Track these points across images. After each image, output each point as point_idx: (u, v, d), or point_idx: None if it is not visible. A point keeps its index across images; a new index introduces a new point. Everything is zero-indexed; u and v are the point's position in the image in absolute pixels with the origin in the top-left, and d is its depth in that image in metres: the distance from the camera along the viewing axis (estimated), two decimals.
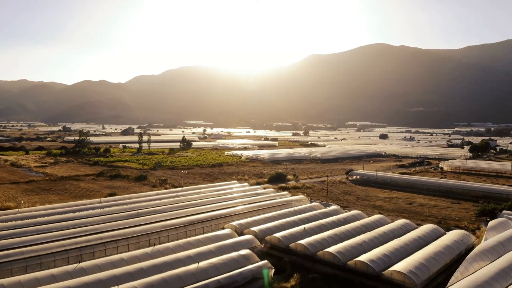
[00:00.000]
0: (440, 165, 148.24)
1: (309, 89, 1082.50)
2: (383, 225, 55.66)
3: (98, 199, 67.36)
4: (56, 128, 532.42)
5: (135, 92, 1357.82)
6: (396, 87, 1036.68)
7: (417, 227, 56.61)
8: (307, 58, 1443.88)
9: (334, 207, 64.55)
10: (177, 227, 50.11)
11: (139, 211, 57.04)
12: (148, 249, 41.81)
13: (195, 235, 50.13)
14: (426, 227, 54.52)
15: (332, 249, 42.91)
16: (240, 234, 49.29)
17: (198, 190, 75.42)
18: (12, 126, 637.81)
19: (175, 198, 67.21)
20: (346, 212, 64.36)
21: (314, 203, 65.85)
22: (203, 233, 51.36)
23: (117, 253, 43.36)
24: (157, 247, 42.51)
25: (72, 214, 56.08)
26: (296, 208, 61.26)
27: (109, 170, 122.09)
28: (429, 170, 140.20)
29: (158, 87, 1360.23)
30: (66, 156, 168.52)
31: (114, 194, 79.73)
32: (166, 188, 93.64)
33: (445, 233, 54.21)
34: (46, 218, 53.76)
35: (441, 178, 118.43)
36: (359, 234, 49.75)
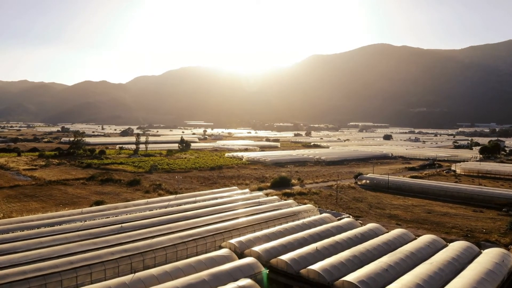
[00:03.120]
0: (452, 168, 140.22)
1: (310, 90, 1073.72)
2: (407, 242, 47.79)
3: (80, 210, 59.60)
4: (54, 129, 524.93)
5: (136, 93, 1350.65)
6: (398, 87, 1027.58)
7: (447, 244, 48.76)
8: (309, 58, 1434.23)
9: (347, 219, 56.67)
10: (165, 246, 42.27)
11: (123, 225, 49.23)
12: (127, 278, 34.00)
13: (186, 256, 42.35)
14: (458, 245, 46.59)
15: (352, 277, 35.05)
16: (240, 255, 41.46)
17: (194, 199, 67.47)
18: (11, 126, 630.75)
19: (167, 209, 59.34)
20: (361, 224, 56.53)
21: (324, 214, 57.94)
22: (196, 253, 43.59)
23: (91, 282, 35.70)
24: (139, 274, 34.71)
25: (45, 229, 48.34)
26: (304, 220, 53.40)
27: (101, 174, 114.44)
28: (441, 173, 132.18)
29: (158, 87, 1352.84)
30: (59, 158, 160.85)
31: (101, 202, 72.08)
32: (160, 194, 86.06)
33: (480, 252, 46.38)
34: (13, 234, 46.03)
35: (456, 182, 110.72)
36: (381, 255, 41.89)
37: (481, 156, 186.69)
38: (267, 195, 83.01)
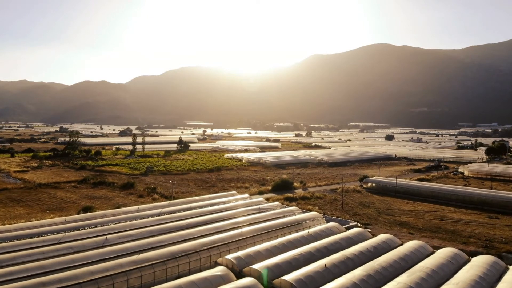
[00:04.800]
0: (460, 170, 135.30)
1: (311, 90, 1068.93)
2: (425, 256, 42.83)
3: (64, 218, 54.61)
4: (53, 129, 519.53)
5: (136, 93, 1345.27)
6: (398, 87, 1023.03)
7: (469, 259, 43.82)
8: (309, 58, 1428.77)
9: (357, 229, 51.64)
10: (154, 263, 37.25)
11: (108, 236, 44.22)
12: None
13: (177, 275, 37.38)
14: (482, 261, 41.60)
15: None
16: (239, 274, 36.50)
17: (189, 205, 62.42)
18: (9, 126, 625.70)
19: (159, 217, 54.29)
20: (371, 234, 51.60)
21: (331, 224, 52.91)
22: (189, 271, 38.61)
23: None
24: None
25: (21, 242, 43.35)
26: (310, 231, 48.40)
27: (94, 176, 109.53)
28: (448, 175, 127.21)
29: (158, 87, 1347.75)
30: (53, 159, 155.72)
31: (90, 208, 67.10)
32: (154, 199, 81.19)
33: (507, 268, 41.46)
34: None
35: (465, 185, 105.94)
36: (398, 273, 36.95)
37: (486, 157, 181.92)
38: (267, 199, 78.17)
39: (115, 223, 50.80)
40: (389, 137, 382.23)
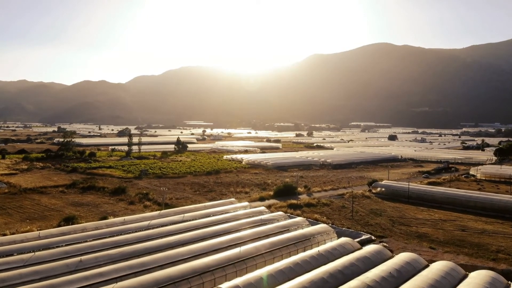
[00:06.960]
0: (471, 172, 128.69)
1: (311, 89, 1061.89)
2: (458, 281, 36.14)
3: (37, 232, 47.78)
4: (51, 129, 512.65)
5: (135, 92, 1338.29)
6: (399, 86, 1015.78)
7: (509, 284, 37.16)
8: (309, 58, 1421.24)
9: (374, 246, 44.89)
10: None
11: (83, 258, 37.51)
12: None
13: None
14: None
15: None
16: None
17: (182, 216, 55.65)
18: (7, 126, 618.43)
19: (147, 231, 47.54)
20: (391, 252, 44.86)
21: (343, 239, 46.08)
22: None
23: None
24: None
25: None
26: (320, 249, 41.63)
27: (84, 180, 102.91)
28: (460, 178, 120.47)
29: (158, 87, 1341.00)
30: (45, 161, 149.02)
31: (72, 218, 60.41)
32: (145, 206, 74.81)
33: None
34: None
35: (479, 189, 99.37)
36: None
37: (495, 158, 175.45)
38: (269, 206, 71.68)
39: (93, 240, 44.06)
40: (392, 137, 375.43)
